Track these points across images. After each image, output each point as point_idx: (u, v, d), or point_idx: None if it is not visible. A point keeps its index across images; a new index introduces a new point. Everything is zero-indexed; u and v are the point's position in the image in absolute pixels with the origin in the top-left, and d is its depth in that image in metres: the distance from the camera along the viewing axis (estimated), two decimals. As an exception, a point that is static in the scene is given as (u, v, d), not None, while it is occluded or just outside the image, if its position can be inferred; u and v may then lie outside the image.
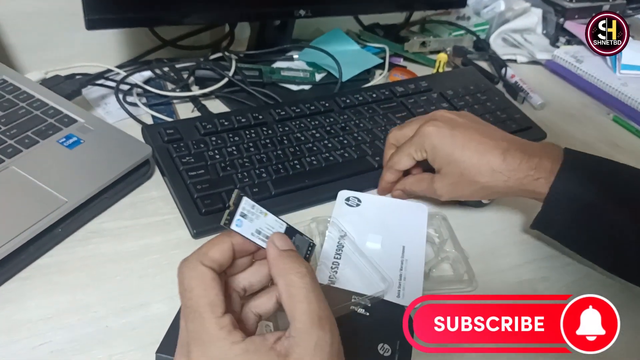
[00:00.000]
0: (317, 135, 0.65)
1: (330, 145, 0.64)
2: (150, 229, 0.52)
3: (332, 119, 0.68)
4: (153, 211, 0.54)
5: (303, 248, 0.39)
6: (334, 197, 0.58)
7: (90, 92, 0.71)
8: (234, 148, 0.60)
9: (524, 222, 0.60)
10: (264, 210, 0.37)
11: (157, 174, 0.59)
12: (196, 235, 0.52)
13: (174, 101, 0.73)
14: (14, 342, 0.41)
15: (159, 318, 0.43)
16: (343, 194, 0.58)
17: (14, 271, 0.46)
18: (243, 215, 0.35)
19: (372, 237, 0.53)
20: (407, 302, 0.47)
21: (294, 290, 0.33)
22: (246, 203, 0.36)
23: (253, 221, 0.36)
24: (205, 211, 0.53)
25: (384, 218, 0.56)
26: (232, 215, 0.35)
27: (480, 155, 0.51)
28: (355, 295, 0.46)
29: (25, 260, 0.47)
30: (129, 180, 0.56)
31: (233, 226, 0.35)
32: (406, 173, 0.59)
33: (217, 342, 0.31)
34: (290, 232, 0.38)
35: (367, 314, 0.45)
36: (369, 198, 0.58)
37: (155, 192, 0.57)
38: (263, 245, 0.36)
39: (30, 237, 0.46)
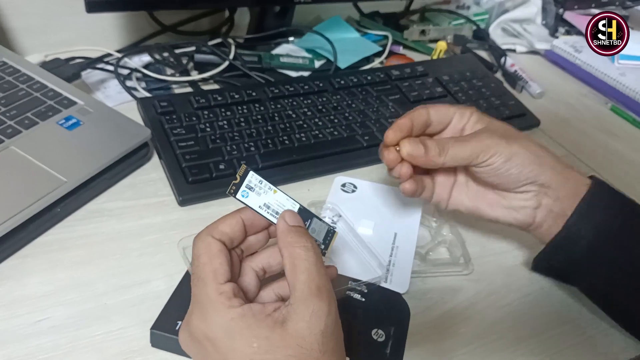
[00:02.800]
0: (309, 113, 0.66)
1: (320, 123, 0.64)
2: (149, 209, 0.53)
3: (325, 99, 0.68)
4: (152, 192, 0.55)
5: (321, 233, 0.39)
6: (320, 173, 0.59)
7: (90, 76, 0.71)
8: (225, 122, 0.61)
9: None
10: (272, 187, 0.37)
11: (157, 156, 0.59)
12: (182, 202, 0.54)
13: (173, 86, 0.73)
14: (14, 318, 0.41)
15: (158, 295, 0.44)
16: (339, 179, 0.59)
17: (14, 248, 0.46)
18: (250, 188, 0.36)
19: (365, 222, 0.53)
20: (395, 287, 0.48)
21: (296, 262, 0.34)
22: (253, 177, 0.37)
23: (260, 195, 0.36)
24: (192, 180, 0.54)
25: (379, 204, 0.56)
26: (238, 186, 0.36)
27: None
28: (352, 280, 0.47)
29: (25, 238, 0.47)
30: (128, 162, 0.56)
31: (238, 196, 0.36)
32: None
33: (215, 304, 0.32)
34: (305, 214, 0.38)
35: (363, 299, 0.45)
36: (365, 184, 0.59)
37: (155, 173, 0.57)
38: (272, 220, 0.37)
39: (30, 215, 0.47)
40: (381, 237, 0.52)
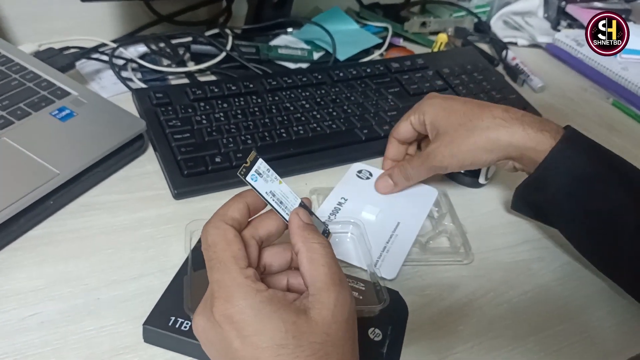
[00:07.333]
0: (307, 106, 0.65)
1: (319, 116, 0.63)
2: (143, 202, 0.52)
3: (323, 91, 0.67)
4: (147, 185, 0.54)
5: (319, 229, 0.39)
6: (318, 167, 0.59)
7: (85, 66, 0.70)
8: (221, 114, 0.60)
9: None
10: (278, 177, 0.38)
11: (152, 149, 0.58)
12: (177, 196, 0.53)
13: (169, 77, 0.72)
14: (3, 313, 0.40)
15: (151, 291, 0.43)
16: (356, 166, 0.59)
17: (4, 242, 0.45)
18: (258, 174, 0.37)
19: (370, 208, 0.53)
20: (383, 273, 0.48)
21: (315, 256, 0.34)
22: (261, 164, 0.37)
23: (267, 182, 0.37)
24: (187, 173, 0.53)
25: (391, 195, 0.56)
26: (247, 169, 0.36)
27: (481, 106, 0.51)
28: (350, 278, 0.46)
29: (15, 232, 0.46)
30: (123, 154, 0.55)
31: (248, 178, 0.36)
32: None
33: (242, 288, 0.32)
34: (305, 209, 0.39)
35: (360, 297, 0.44)
36: (381, 173, 0.58)
37: (150, 166, 0.56)
38: (276, 208, 0.37)
39: (21, 208, 0.46)
40: (383, 224, 0.52)
